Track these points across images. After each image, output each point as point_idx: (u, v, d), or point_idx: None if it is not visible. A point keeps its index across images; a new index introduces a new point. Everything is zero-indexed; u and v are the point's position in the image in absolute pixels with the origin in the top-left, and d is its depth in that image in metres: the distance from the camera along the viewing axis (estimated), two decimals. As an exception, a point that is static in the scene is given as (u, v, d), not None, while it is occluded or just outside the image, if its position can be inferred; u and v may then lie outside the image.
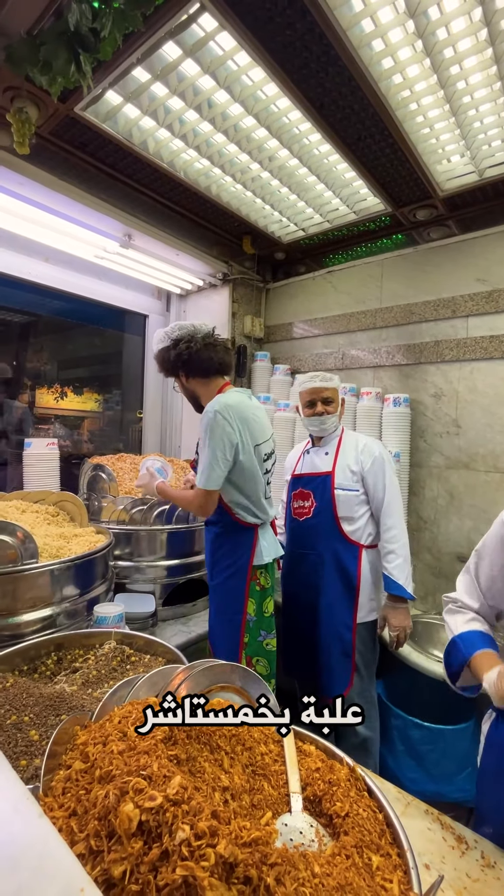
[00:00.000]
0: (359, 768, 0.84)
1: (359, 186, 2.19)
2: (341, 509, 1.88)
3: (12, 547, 1.38)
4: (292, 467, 2.11)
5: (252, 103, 1.68)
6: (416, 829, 1.00)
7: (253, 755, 0.83)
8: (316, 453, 2.02)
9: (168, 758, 0.65)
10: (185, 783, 0.58)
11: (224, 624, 1.74)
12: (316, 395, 1.94)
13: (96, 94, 1.60)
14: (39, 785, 0.69)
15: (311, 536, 1.95)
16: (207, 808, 0.55)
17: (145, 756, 0.63)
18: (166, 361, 1.77)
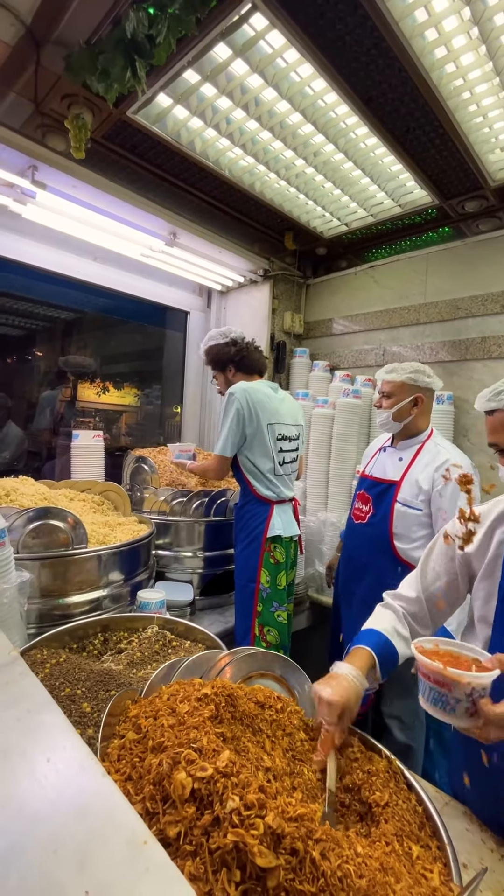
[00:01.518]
0: (397, 761, 0.85)
1: (405, 179, 2.15)
2: (398, 525, 1.70)
3: (65, 532, 1.46)
4: (366, 462, 2.01)
5: (299, 99, 1.68)
6: (453, 829, 0.98)
7: (293, 741, 0.85)
8: (390, 456, 1.85)
9: (215, 734, 0.69)
10: (234, 758, 0.61)
11: (240, 589, 1.93)
12: (380, 386, 1.83)
13: (148, 97, 1.65)
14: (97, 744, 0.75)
15: (361, 543, 1.85)
16: (255, 783, 0.58)
17: (194, 731, 0.66)
18: (222, 355, 2.07)
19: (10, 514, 1.41)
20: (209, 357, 2.11)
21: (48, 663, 1.11)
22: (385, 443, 1.94)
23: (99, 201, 2.09)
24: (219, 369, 2.10)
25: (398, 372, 1.77)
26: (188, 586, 2.03)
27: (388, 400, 1.79)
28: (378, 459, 1.90)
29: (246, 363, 2.07)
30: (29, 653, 1.16)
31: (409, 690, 1.72)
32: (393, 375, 1.78)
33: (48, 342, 3.39)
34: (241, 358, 2.06)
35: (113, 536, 1.69)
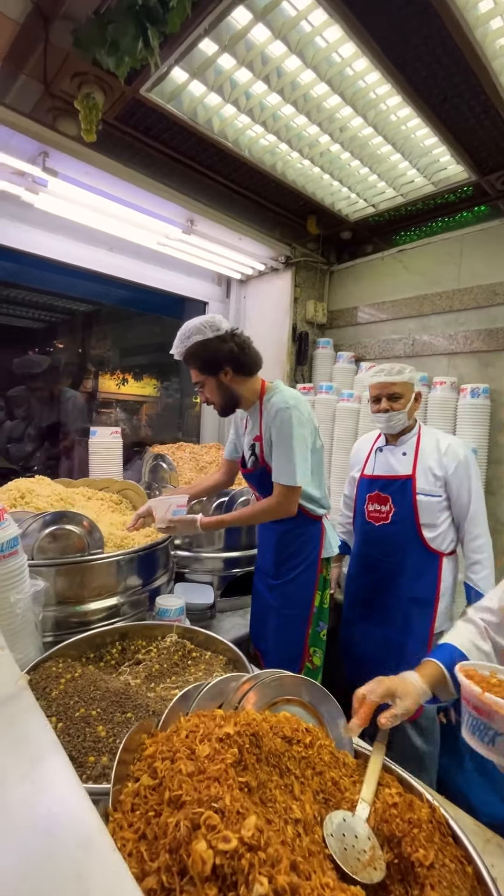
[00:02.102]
0: (441, 809, 0.76)
1: (439, 154, 1.99)
2: (423, 516, 1.73)
3: (80, 537, 1.41)
4: (360, 464, 1.95)
5: (325, 68, 1.54)
6: (498, 873, 0.90)
7: (323, 780, 0.77)
8: (391, 453, 1.83)
9: (239, 786, 0.62)
10: (261, 824, 0.53)
11: (287, 620, 1.71)
12: (382, 390, 1.76)
13: (162, 72, 1.54)
14: (109, 788, 0.69)
15: (388, 543, 1.81)
16: (286, 858, 0.50)
17: (216, 784, 0.59)
18: (218, 354, 1.55)
19: (25, 519, 1.36)
20: (197, 359, 1.57)
21: (63, 678, 1.07)
22: (377, 441, 1.92)
23: (113, 188, 2.00)
24: (210, 373, 1.58)
25: (402, 372, 1.74)
26: (208, 588, 1.97)
27: (398, 402, 1.76)
28: (378, 460, 1.87)
29: (248, 361, 1.61)
30: (44, 664, 1.12)
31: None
32: (401, 376, 1.74)
33: (68, 335, 3.36)
34: (238, 355, 1.57)
35: (131, 539, 1.64)
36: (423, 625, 1.74)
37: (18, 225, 2.18)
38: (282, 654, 1.71)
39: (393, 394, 1.75)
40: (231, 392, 1.63)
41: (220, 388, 1.62)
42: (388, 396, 1.76)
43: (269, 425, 1.58)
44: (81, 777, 0.84)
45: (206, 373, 1.60)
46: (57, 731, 0.91)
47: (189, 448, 2.51)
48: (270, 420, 1.56)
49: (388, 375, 1.74)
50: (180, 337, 1.58)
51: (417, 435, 1.81)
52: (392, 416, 1.76)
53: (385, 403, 1.77)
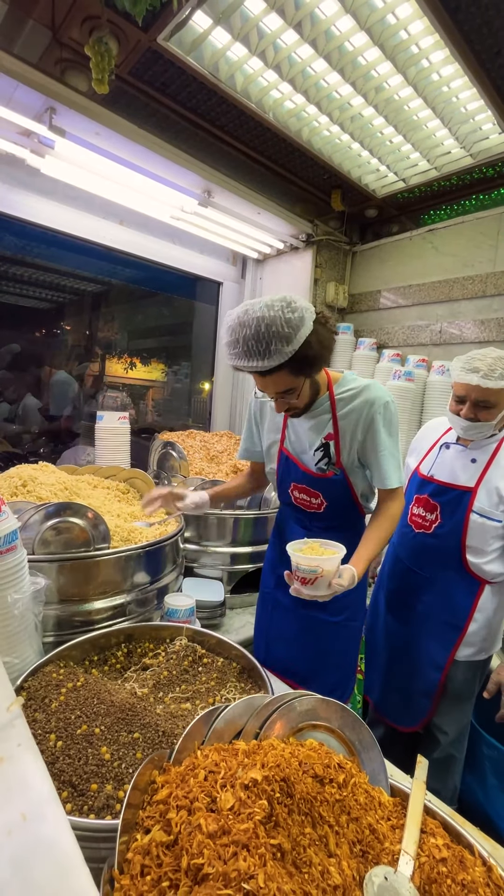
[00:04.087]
0: (498, 868, 0.66)
1: (482, 121, 1.82)
2: (472, 537, 1.47)
3: (84, 530, 1.30)
4: (420, 455, 1.67)
5: (366, 13, 1.38)
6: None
7: (360, 828, 0.67)
8: (459, 455, 1.53)
9: (272, 853, 0.51)
10: (304, 917, 0.43)
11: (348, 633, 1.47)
12: (471, 392, 1.40)
13: (182, 17, 1.38)
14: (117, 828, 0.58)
15: (424, 555, 1.60)
16: None
17: (245, 853, 0.49)
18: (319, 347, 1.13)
19: (26, 510, 1.26)
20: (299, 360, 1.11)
21: (64, 687, 0.97)
22: (445, 435, 1.62)
23: (125, 152, 1.84)
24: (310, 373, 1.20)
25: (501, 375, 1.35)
26: (218, 584, 1.87)
27: (489, 411, 1.40)
28: (441, 458, 1.58)
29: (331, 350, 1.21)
30: (44, 669, 1.03)
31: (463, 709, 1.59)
32: (497, 382, 1.34)
33: (76, 315, 3.24)
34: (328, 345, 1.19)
35: (139, 532, 1.53)
36: (442, 653, 1.55)
37: (24, 192, 2.04)
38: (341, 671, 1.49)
39: (484, 402, 1.39)
40: (317, 388, 1.28)
41: (312, 387, 1.25)
42: (476, 403, 1.41)
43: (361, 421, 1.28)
44: (83, 808, 0.74)
45: (303, 374, 1.18)
46: (56, 751, 0.82)
47: (200, 436, 2.39)
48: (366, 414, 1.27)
49: (485, 378, 1.35)
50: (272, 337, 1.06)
51: (500, 441, 1.48)
52: (476, 426, 1.43)
53: (470, 410, 1.42)
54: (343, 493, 1.36)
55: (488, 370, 1.34)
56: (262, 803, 0.56)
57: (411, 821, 0.70)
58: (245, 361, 1.10)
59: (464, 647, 1.53)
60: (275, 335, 1.05)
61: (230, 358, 1.14)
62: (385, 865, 0.64)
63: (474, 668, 1.56)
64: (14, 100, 1.58)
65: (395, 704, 1.67)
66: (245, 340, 1.08)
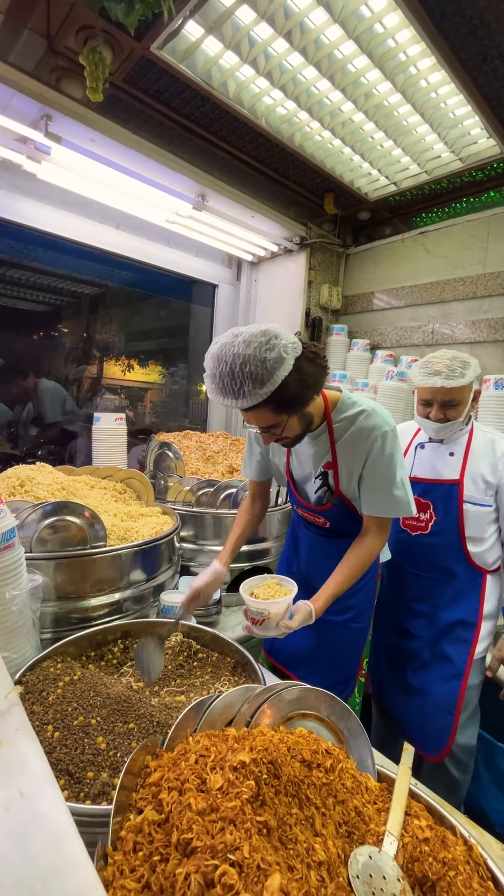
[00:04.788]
0: (478, 847, 0.68)
1: (470, 126, 1.85)
2: (469, 527, 1.48)
3: (81, 528, 1.33)
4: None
5: (354, 23, 1.41)
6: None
7: (346, 810, 0.69)
8: (436, 451, 1.56)
9: (258, 828, 0.54)
10: (284, 884, 0.45)
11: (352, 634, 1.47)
12: (435, 395, 1.44)
13: (175, 26, 1.41)
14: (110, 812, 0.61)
15: (426, 556, 1.58)
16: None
17: (232, 828, 0.51)
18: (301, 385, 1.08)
19: (23, 509, 1.28)
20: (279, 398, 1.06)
21: (61, 680, 0.99)
22: (416, 436, 1.63)
23: (120, 158, 1.87)
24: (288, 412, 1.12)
25: (464, 375, 1.38)
26: (214, 582, 1.89)
27: (456, 409, 1.43)
28: (420, 458, 1.59)
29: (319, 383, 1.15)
30: (42, 664, 1.05)
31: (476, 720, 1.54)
32: (461, 381, 1.38)
33: (73, 318, 3.27)
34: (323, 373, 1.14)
35: (135, 530, 1.56)
36: (462, 657, 1.50)
37: (21, 197, 2.06)
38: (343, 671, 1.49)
39: (449, 401, 1.42)
40: (310, 419, 1.22)
41: (301, 420, 1.19)
42: (443, 404, 1.43)
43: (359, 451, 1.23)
44: (79, 795, 0.77)
45: (285, 412, 1.12)
46: (53, 742, 0.84)
47: (196, 436, 2.42)
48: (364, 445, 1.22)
49: (447, 380, 1.37)
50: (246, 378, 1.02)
51: (469, 433, 1.53)
52: (447, 426, 1.46)
53: (438, 411, 1.44)
54: (344, 515, 1.34)
55: (449, 371, 1.38)
56: (250, 783, 0.59)
57: (396, 804, 0.72)
58: (221, 398, 1.07)
59: (479, 646, 1.50)
60: (248, 375, 1.01)
61: (208, 391, 1.11)
62: (370, 845, 0.66)
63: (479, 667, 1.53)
64: (10, 107, 1.61)
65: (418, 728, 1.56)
66: (221, 377, 1.05)
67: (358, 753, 0.83)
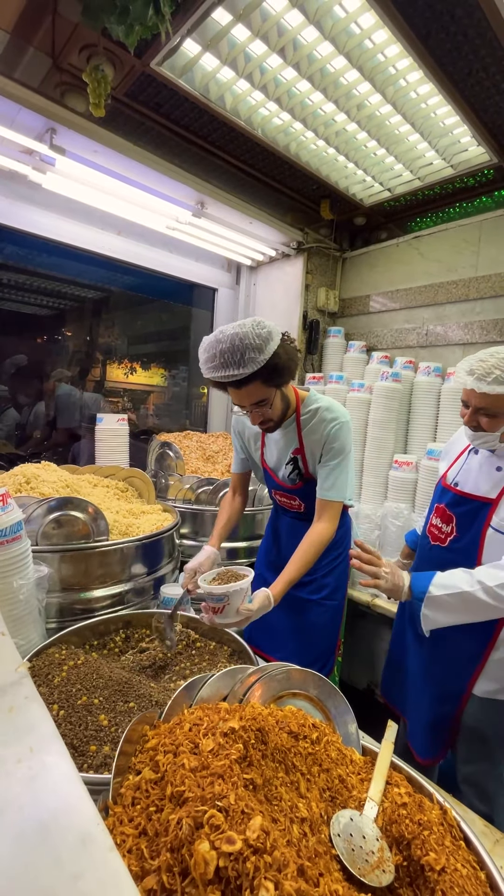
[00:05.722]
0: (452, 811, 0.74)
1: (460, 134, 1.91)
2: (488, 553, 1.31)
3: (85, 523, 1.39)
4: (450, 461, 1.54)
5: (344, 39, 1.47)
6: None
7: (330, 778, 0.75)
8: (485, 462, 1.38)
9: (244, 783, 0.59)
10: (266, 825, 0.51)
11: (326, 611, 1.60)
12: (469, 398, 1.29)
13: (173, 44, 1.48)
14: (110, 778, 0.66)
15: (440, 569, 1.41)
16: (293, 862, 0.48)
17: (220, 781, 0.57)
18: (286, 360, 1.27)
19: (29, 504, 1.34)
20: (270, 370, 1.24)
21: (66, 665, 1.05)
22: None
23: (122, 168, 1.95)
24: (278, 384, 1.32)
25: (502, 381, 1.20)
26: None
27: (490, 420, 1.26)
28: (466, 465, 1.44)
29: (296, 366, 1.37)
30: (47, 650, 1.11)
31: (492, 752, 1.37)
32: (497, 388, 1.20)
33: (77, 321, 3.34)
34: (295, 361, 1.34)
35: (136, 526, 1.62)
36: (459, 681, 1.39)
37: (27, 206, 2.14)
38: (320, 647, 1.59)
39: (484, 408, 1.25)
40: (288, 403, 1.44)
41: (282, 400, 1.40)
42: (476, 409, 1.27)
43: (318, 438, 1.44)
44: (82, 766, 0.82)
45: (273, 385, 1.30)
46: (58, 719, 0.90)
47: (196, 437, 2.48)
48: (322, 433, 1.43)
49: (479, 381, 1.21)
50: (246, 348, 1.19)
51: None
52: (480, 436, 1.31)
53: (472, 417, 1.29)
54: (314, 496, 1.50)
55: (485, 373, 1.21)
56: (238, 746, 0.64)
57: (378, 773, 0.77)
58: (222, 372, 1.22)
59: (483, 681, 1.35)
60: (248, 346, 1.19)
61: (208, 372, 1.26)
62: (352, 809, 0.72)
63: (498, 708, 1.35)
64: (17, 121, 1.68)
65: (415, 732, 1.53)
66: (221, 353, 1.20)
67: (344, 729, 0.88)
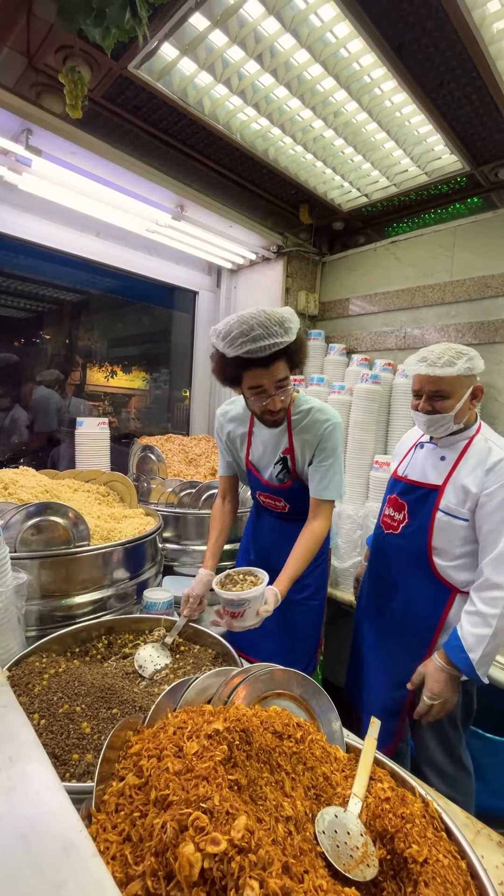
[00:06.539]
0: (434, 804, 0.75)
1: (434, 143, 1.96)
2: (438, 537, 1.40)
3: (65, 528, 1.37)
4: (400, 458, 1.63)
5: (320, 48, 1.50)
6: (488, 864, 0.89)
7: (315, 776, 0.75)
8: (430, 454, 1.48)
9: (229, 784, 0.59)
10: (251, 825, 0.51)
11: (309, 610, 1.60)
12: (423, 384, 1.36)
13: (151, 48, 1.48)
14: (93, 787, 0.66)
15: (392, 556, 1.54)
16: (277, 861, 0.48)
17: (204, 783, 0.56)
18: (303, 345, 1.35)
19: (7, 510, 1.32)
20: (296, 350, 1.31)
21: (46, 673, 1.03)
22: (422, 437, 1.56)
23: (100, 170, 1.93)
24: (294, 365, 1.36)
25: (455, 363, 1.30)
26: (197, 581, 1.94)
27: (444, 401, 1.34)
28: (414, 457, 1.54)
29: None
30: (27, 659, 1.08)
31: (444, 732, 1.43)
32: (451, 369, 1.30)
33: (55, 324, 3.28)
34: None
35: (118, 531, 1.60)
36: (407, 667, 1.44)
37: (2, 207, 2.11)
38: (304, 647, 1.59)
39: (437, 392, 1.33)
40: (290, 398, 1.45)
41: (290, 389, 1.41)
42: (431, 395, 1.35)
43: (310, 438, 1.45)
44: (65, 775, 0.81)
45: (292, 366, 1.33)
46: (39, 729, 0.88)
47: (178, 440, 2.47)
48: (315, 433, 1.44)
49: (432, 366, 1.31)
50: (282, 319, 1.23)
51: (470, 438, 1.41)
52: (435, 419, 1.36)
53: (426, 402, 1.36)
54: (302, 496, 1.52)
55: (436, 358, 1.33)
56: (223, 748, 0.64)
57: (362, 769, 0.78)
58: (264, 342, 1.20)
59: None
60: (283, 318, 1.24)
61: (241, 346, 1.21)
62: (336, 806, 0.72)
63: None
64: (-9, 121, 1.66)
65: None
66: (260, 325, 1.20)
67: (328, 727, 0.89)
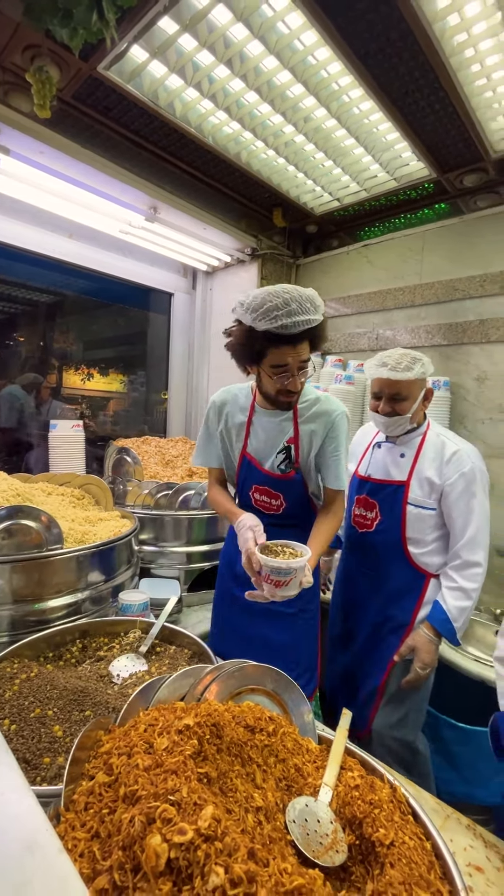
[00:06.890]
0: (401, 788, 0.77)
1: (401, 150, 2.02)
2: (411, 528, 1.53)
3: (37, 532, 1.35)
4: (357, 459, 1.74)
5: (288, 55, 1.53)
6: (456, 846, 0.93)
7: (286, 767, 0.77)
8: (389, 452, 1.61)
9: (198, 777, 0.60)
10: (218, 814, 0.52)
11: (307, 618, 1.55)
12: (383, 387, 1.49)
13: (120, 50, 1.48)
14: (62, 788, 0.65)
15: (370, 555, 1.64)
16: (243, 847, 0.49)
17: (173, 777, 0.57)
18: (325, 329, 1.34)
19: (-24, 515, 1.29)
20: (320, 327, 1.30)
21: (17, 679, 1.02)
22: (376, 437, 1.69)
23: (70, 170, 1.92)
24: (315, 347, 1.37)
25: (411, 369, 1.44)
26: (175, 583, 1.93)
27: (402, 403, 1.48)
28: (374, 458, 1.66)
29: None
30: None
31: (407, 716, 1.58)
32: (409, 374, 1.43)
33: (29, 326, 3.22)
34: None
35: (93, 533, 1.59)
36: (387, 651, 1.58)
37: (-31, 206, 2.06)
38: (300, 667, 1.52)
39: (395, 395, 1.47)
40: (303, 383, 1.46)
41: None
42: (390, 397, 1.48)
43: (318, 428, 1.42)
44: (35, 779, 0.80)
45: (316, 347, 1.33)
46: (9, 734, 0.87)
47: (155, 442, 2.46)
48: (325, 423, 1.41)
49: (393, 371, 1.44)
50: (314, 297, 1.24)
51: (423, 434, 1.56)
52: (393, 420, 1.51)
53: (386, 404, 1.49)
54: (301, 492, 1.47)
55: (395, 363, 1.45)
56: (193, 742, 0.65)
57: (332, 759, 0.80)
58: (297, 317, 1.19)
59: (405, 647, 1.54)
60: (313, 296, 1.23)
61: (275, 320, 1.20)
62: (307, 796, 0.74)
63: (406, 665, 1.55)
64: (-44, 119, 1.62)
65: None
66: (294, 300, 1.20)
67: (300, 720, 0.91)
